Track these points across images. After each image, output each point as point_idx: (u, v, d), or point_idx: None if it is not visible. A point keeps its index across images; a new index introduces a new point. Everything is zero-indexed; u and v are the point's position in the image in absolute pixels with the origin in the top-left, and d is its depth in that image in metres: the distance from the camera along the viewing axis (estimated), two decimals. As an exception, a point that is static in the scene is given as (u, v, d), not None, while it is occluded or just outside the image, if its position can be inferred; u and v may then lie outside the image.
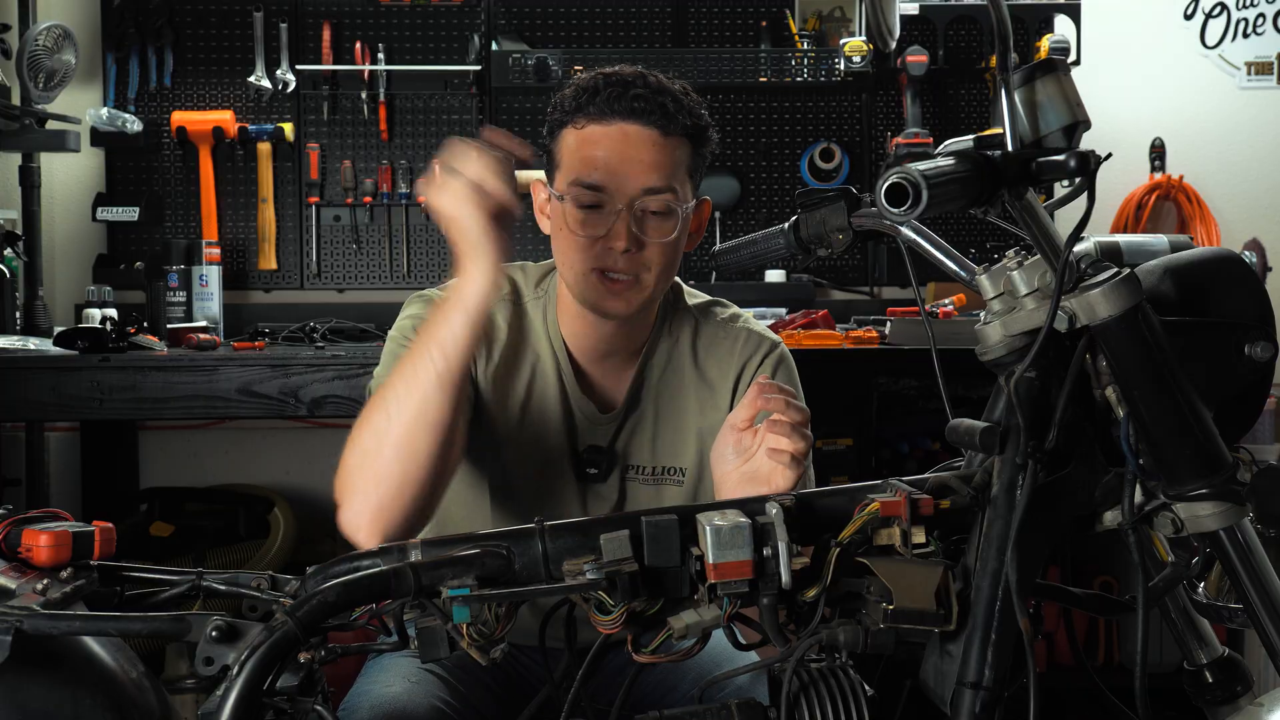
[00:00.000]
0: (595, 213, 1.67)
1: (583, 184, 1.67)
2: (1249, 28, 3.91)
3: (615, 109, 1.66)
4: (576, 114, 1.68)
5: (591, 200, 1.67)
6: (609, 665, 1.67)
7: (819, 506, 1.31)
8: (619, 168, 1.66)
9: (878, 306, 3.64)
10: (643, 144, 1.67)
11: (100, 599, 1.35)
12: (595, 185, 1.66)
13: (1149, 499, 1.27)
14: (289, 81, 3.73)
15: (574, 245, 1.69)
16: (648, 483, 1.80)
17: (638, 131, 1.67)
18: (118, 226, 3.72)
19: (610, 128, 1.67)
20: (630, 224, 1.66)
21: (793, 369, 1.86)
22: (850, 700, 1.25)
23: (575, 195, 1.67)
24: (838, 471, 3.00)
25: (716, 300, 1.89)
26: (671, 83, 1.71)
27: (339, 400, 2.90)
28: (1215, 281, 1.32)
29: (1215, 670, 1.43)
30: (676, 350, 1.82)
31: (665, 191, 1.67)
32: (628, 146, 1.66)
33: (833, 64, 3.61)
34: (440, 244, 3.79)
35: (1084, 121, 1.24)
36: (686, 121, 1.69)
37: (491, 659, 1.26)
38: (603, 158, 1.66)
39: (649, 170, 1.67)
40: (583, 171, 1.67)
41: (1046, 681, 1.29)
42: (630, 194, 1.66)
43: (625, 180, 1.66)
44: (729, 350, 1.82)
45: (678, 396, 1.81)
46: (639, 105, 1.66)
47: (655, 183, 1.67)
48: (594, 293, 1.69)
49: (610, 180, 1.66)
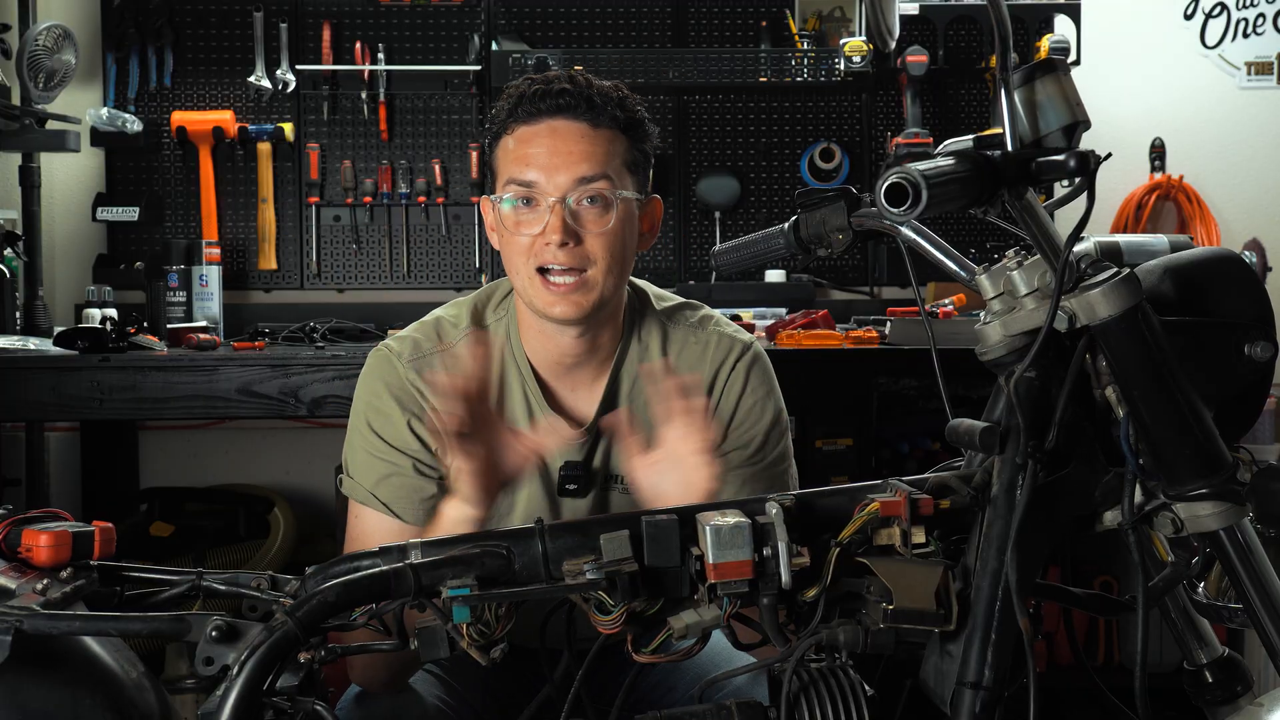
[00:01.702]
0: (530, 210, 1.67)
1: (515, 182, 1.67)
2: (1249, 28, 3.91)
3: (542, 107, 1.66)
4: (508, 121, 1.69)
5: (525, 196, 1.67)
6: (608, 665, 1.67)
7: (819, 506, 1.31)
8: (548, 161, 1.66)
9: (878, 306, 3.64)
10: (571, 136, 1.67)
11: (100, 599, 1.35)
12: (527, 181, 1.66)
13: (1149, 499, 1.27)
14: (289, 81, 3.73)
15: (515, 248, 1.68)
16: (627, 491, 1.77)
17: (566, 125, 1.67)
18: (118, 226, 3.72)
19: (539, 125, 1.67)
20: (565, 216, 1.65)
21: (768, 369, 1.83)
22: (850, 700, 1.25)
23: (511, 195, 1.68)
24: (838, 471, 3.00)
25: (686, 303, 1.86)
26: (602, 82, 1.71)
27: (339, 400, 2.90)
28: (1215, 281, 1.32)
29: (1215, 670, 1.43)
30: (647, 358, 1.79)
31: (598, 180, 1.66)
32: (556, 140, 1.66)
33: (833, 64, 3.61)
34: (440, 244, 3.80)
35: (1084, 121, 1.24)
36: (616, 113, 1.69)
37: (491, 659, 1.26)
38: (533, 154, 1.66)
39: (579, 161, 1.66)
40: (515, 171, 1.67)
41: (1046, 681, 1.29)
42: (562, 186, 1.66)
43: (555, 173, 1.66)
44: (700, 355, 1.79)
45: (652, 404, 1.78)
46: (565, 100, 1.66)
47: (585, 172, 1.66)
48: (540, 298, 1.68)
49: (541, 174, 1.66)
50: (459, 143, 3.79)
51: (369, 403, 1.76)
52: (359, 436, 1.76)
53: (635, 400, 1.77)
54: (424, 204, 3.77)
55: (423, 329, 1.80)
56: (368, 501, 1.73)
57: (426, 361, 1.75)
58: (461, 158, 3.78)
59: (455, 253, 3.81)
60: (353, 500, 1.76)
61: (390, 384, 1.74)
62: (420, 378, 1.73)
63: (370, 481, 1.73)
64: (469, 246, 3.79)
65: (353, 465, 1.77)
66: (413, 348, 1.76)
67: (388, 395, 1.74)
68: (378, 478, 1.73)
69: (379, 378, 1.76)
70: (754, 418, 1.79)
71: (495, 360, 1.77)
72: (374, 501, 1.73)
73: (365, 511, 1.74)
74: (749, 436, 1.78)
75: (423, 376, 1.73)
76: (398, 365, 1.75)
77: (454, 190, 3.79)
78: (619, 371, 1.78)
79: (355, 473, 1.76)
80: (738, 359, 1.80)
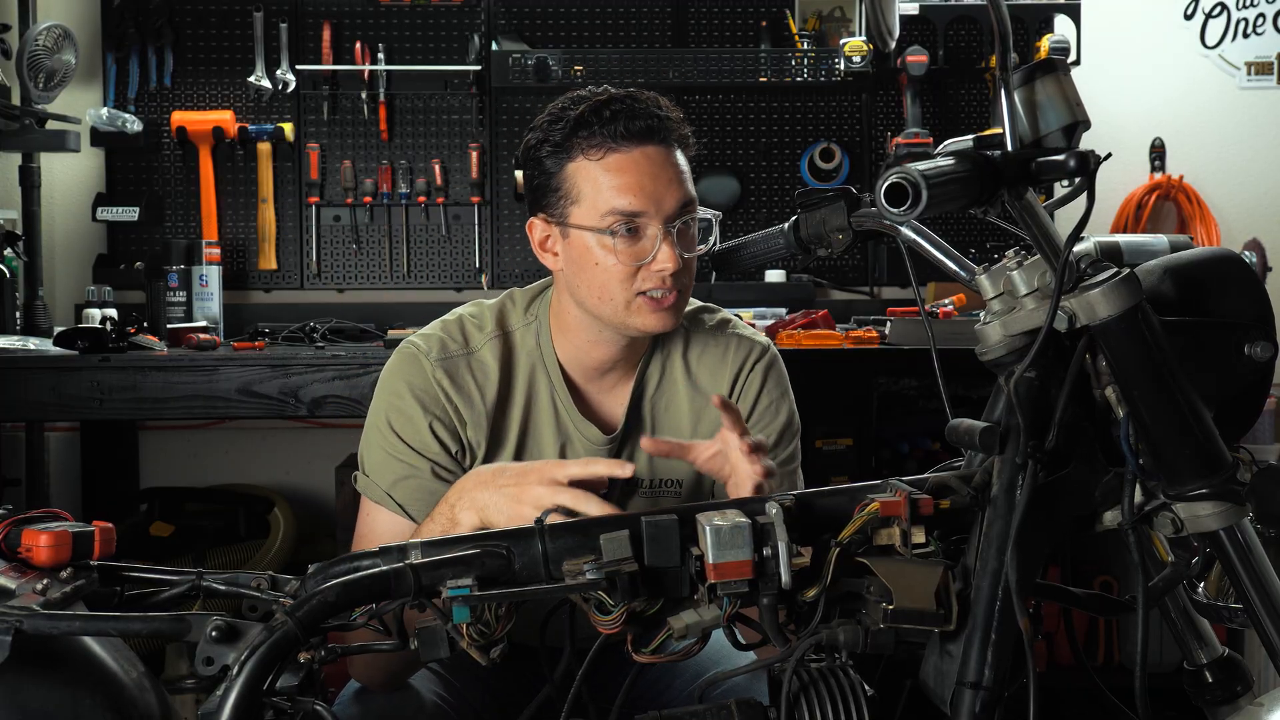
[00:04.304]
0: (634, 240, 1.67)
1: (620, 212, 1.66)
2: (1249, 28, 3.91)
3: (631, 131, 1.66)
4: (587, 145, 1.67)
5: (631, 227, 1.67)
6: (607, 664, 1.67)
7: (819, 506, 1.31)
8: (653, 190, 1.66)
9: (878, 306, 3.64)
10: (663, 163, 1.68)
11: (100, 599, 1.34)
12: (634, 211, 1.66)
13: (1149, 499, 1.27)
14: (289, 81, 3.73)
15: (615, 275, 1.68)
16: (645, 495, 1.79)
17: (655, 151, 1.68)
18: (118, 226, 3.72)
19: (632, 153, 1.67)
20: (674, 244, 1.67)
21: (783, 372, 1.86)
22: (850, 700, 1.25)
23: (612, 225, 1.67)
24: (838, 471, 3.00)
25: (704, 306, 1.88)
26: (653, 95, 1.72)
27: (339, 400, 2.90)
28: (1215, 281, 1.32)
29: (1215, 670, 1.43)
30: (669, 362, 1.81)
31: (691, 204, 1.70)
32: (653, 167, 1.67)
33: (833, 64, 3.61)
34: (440, 244, 3.80)
35: (1084, 121, 1.24)
36: (684, 131, 1.72)
37: (491, 659, 1.26)
38: (635, 183, 1.66)
39: (676, 188, 1.68)
40: (617, 201, 1.66)
41: (1046, 681, 1.29)
42: (668, 213, 1.67)
43: (661, 202, 1.67)
44: (720, 358, 1.82)
45: (672, 408, 1.80)
46: (652, 124, 1.67)
47: (684, 198, 1.69)
48: (638, 316, 1.69)
49: (648, 204, 1.66)
50: (459, 143, 3.79)
51: (391, 402, 1.75)
52: (378, 434, 1.75)
53: (658, 405, 1.80)
54: (424, 204, 3.77)
55: (447, 328, 1.79)
56: (383, 501, 1.73)
57: (454, 363, 1.74)
58: (461, 158, 3.78)
59: (455, 253, 3.81)
60: (366, 497, 1.76)
61: (414, 384, 1.74)
62: (448, 378, 1.73)
63: (387, 481, 1.73)
64: (469, 246, 3.79)
65: (369, 463, 1.76)
66: (440, 347, 1.76)
67: (410, 396, 1.73)
68: (395, 478, 1.73)
69: (403, 377, 1.75)
70: (768, 418, 1.82)
71: (523, 367, 1.78)
72: (389, 502, 1.72)
73: (378, 510, 1.74)
74: (763, 435, 1.79)
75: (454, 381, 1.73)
76: (425, 364, 1.74)
77: (454, 190, 3.79)
78: (644, 377, 1.80)
79: (371, 471, 1.75)
80: (756, 361, 1.83)
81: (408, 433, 1.73)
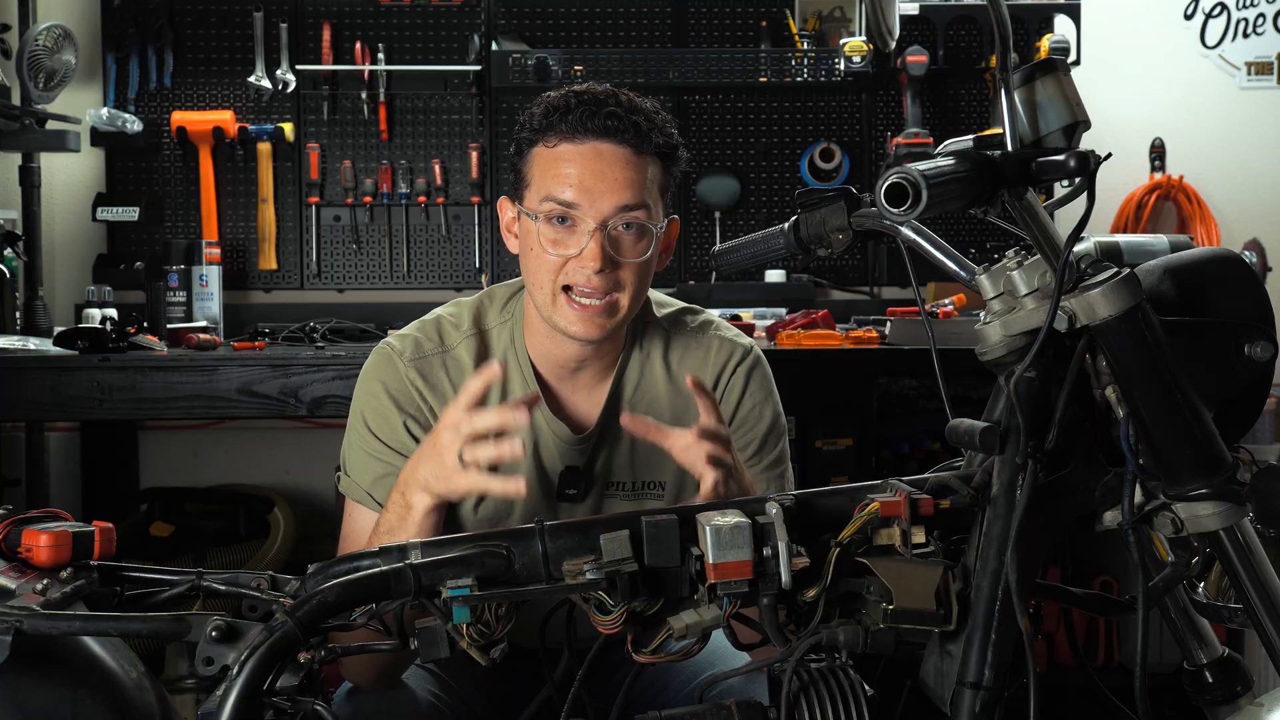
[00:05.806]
0: (568, 231, 1.66)
1: (555, 201, 1.65)
2: (1249, 28, 3.91)
3: (588, 127, 1.64)
4: (547, 131, 1.67)
5: (562, 215, 1.66)
6: (605, 664, 1.67)
7: (819, 506, 1.31)
8: (592, 185, 1.64)
9: (878, 306, 3.64)
10: (616, 162, 1.65)
11: (100, 599, 1.34)
12: (568, 203, 1.65)
13: (1149, 499, 1.27)
14: (289, 81, 3.73)
15: (544, 264, 1.67)
16: (627, 497, 1.78)
17: (611, 150, 1.65)
18: (118, 226, 3.72)
19: (583, 146, 1.65)
20: (604, 243, 1.65)
21: (767, 374, 1.84)
22: (850, 700, 1.25)
23: (547, 212, 1.66)
24: (838, 471, 3.00)
25: (687, 308, 1.87)
26: (644, 101, 1.70)
27: (339, 400, 2.90)
28: (1215, 281, 1.33)
29: (1215, 670, 1.43)
30: (649, 364, 1.80)
31: (638, 209, 1.66)
32: (601, 164, 1.65)
33: (833, 64, 3.61)
34: (440, 244, 3.80)
35: (1084, 121, 1.24)
36: (659, 140, 1.68)
37: (491, 659, 1.26)
38: (576, 175, 1.65)
39: (623, 188, 1.65)
40: (555, 189, 1.65)
41: (1046, 681, 1.29)
42: (604, 212, 1.65)
43: (599, 198, 1.64)
44: (702, 360, 1.80)
45: (653, 411, 1.77)
46: (612, 124, 1.65)
47: (628, 200, 1.65)
48: (563, 316, 1.67)
49: (583, 198, 1.64)
50: (459, 143, 3.79)
51: (367, 401, 1.76)
52: (356, 434, 1.76)
53: (637, 407, 1.78)
54: (424, 204, 3.77)
55: (423, 328, 1.80)
56: (363, 500, 1.74)
57: (428, 363, 1.75)
58: (461, 158, 3.78)
59: (455, 253, 3.81)
60: (349, 498, 1.77)
61: (389, 384, 1.74)
62: (421, 378, 1.73)
63: (367, 480, 1.74)
64: (469, 246, 3.79)
65: (350, 463, 1.77)
66: (415, 347, 1.76)
67: (385, 395, 1.74)
68: (374, 477, 1.73)
69: (378, 377, 1.76)
70: (753, 420, 1.80)
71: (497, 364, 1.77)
72: (369, 500, 1.73)
73: (360, 510, 1.75)
74: (748, 439, 1.79)
75: (428, 380, 1.73)
76: (399, 364, 1.75)
77: (454, 190, 3.79)
78: (621, 378, 1.79)
79: (352, 470, 1.76)
80: (738, 363, 1.81)
81: (384, 432, 1.74)
